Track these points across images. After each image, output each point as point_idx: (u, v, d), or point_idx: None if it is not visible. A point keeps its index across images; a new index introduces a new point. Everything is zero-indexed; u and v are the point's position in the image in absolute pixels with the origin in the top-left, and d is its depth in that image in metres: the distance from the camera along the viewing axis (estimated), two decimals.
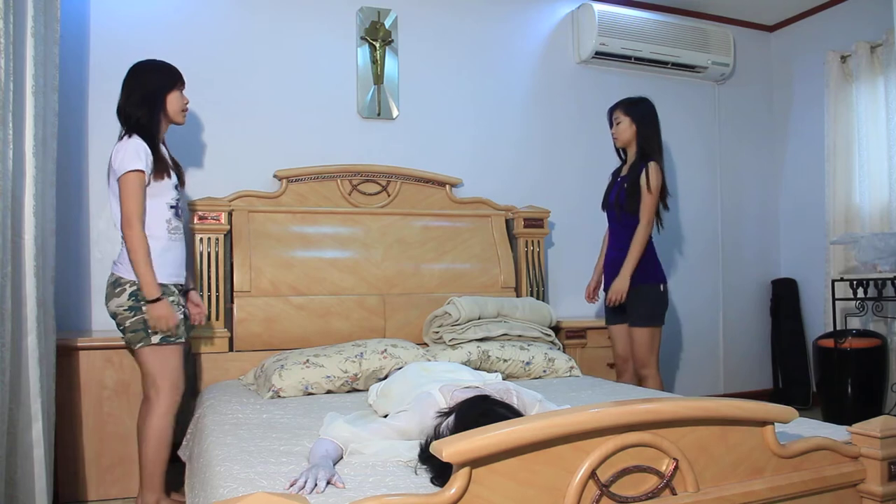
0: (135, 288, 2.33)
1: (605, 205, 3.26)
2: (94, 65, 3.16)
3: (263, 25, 3.48)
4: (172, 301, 2.38)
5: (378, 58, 3.66)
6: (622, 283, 3.02)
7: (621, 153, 3.28)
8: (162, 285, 2.34)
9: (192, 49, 3.21)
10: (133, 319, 2.33)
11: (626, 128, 3.12)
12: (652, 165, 3.03)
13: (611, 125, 3.21)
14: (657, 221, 3.13)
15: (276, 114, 3.47)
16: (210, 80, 3.27)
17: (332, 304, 3.22)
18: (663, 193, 3.09)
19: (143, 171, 2.31)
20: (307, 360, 2.72)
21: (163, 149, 2.47)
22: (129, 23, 3.22)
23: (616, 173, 3.28)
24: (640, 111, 3.12)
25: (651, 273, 3.08)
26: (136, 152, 2.31)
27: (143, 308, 2.32)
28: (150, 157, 2.35)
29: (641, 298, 3.05)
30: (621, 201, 3.09)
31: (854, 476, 1.54)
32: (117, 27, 3.20)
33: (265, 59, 3.47)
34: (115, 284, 2.37)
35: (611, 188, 3.23)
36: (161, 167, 2.39)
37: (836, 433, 1.72)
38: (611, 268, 3.19)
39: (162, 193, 2.40)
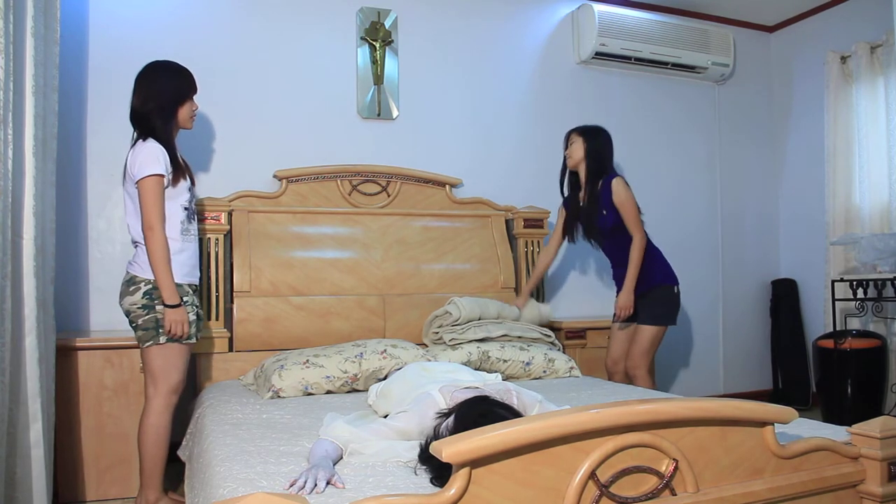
0: (149, 287, 2.35)
1: (589, 234, 3.21)
2: (93, 65, 3.16)
3: (263, 26, 3.48)
4: (187, 301, 2.41)
5: (378, 58, 3.66)
6: (627, 298, 3.05)
7: (563, 186, 3.28)
8: (177, 285, 2.37)
9: (192, 49, 3.21)
10: (146, 318, 2.34)
11: (581, 149, 3.12)
12: (615, 181, 3.06)
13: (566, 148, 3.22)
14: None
15: (276, 114, 3.47)
16: (210, 80, 3.26)
17: (331, 305, 3.22)
18: None
19: (162, 175, 2.34)
20: (307, 361, 2.71)
21: (177, 152, 2.49)
22: (128, 23, 3.22)
23: (568, 202, 3.27)
24: (593, 136, 3.13)
25: (667, 274, 3.13)
26: (155, 156, 2.33)
27: (158, 308, 2.34)
28: (168, 161, 2.38)
29: (657, 299, 3.10)
30: (609, 225, 3.09)
31: (854, 476, 1.54)
32: (117, 27, 3.20)
33: (265, 59, 3.47)
34: (130, 283, 2.38)
35: (585, 216, 3.18)
36: (178, 171, 2.42)
37: (835, 434, 1.71)
38: (620, 283, 3.19)
39: (177, 196, 2.43)
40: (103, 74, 3.15)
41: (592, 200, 3.11)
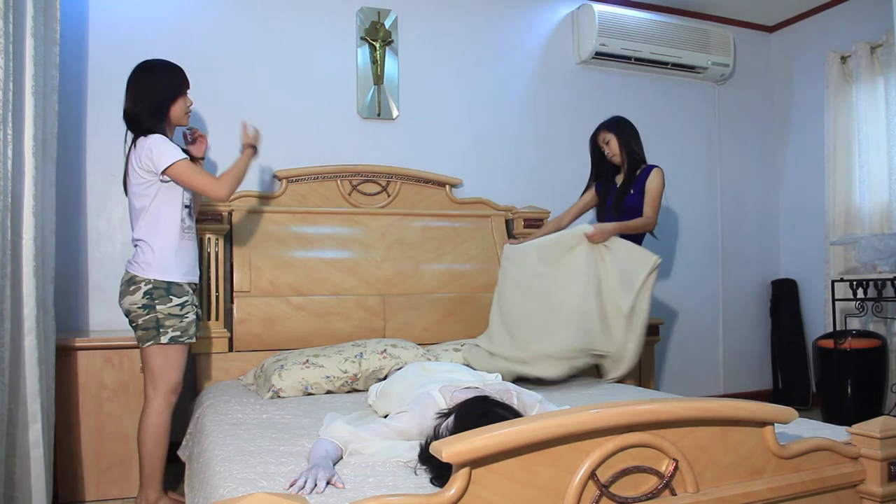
0: (150, 287, 2.35)
1: (616, 210, 3.18)
2: (93, 65, 3.16)
3: (263, 26, 3.47)
4: (186, 301, 2.41)
5: (378, 58, 3.66)
6: (610, 228, 2.94)
7: (597, 179, 3.33)
8: (176, 284, 2.39)
9: (192, 49, 3.21)
10: (146, 318, 2.35)
11: (616, 144, 3.17)
12: (656, 170, 3.12)
13: (600, 151, 3.23)
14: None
15: (276, 114, 3.47)
16: (210, 80, 3.27)
17: (331, 305, 3.22)
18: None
19: (186, 158, 2.39)
20: (307, 361, 2.72)
21: None
22: (128, 23, 3.22)
23: (601, 186, 3.29)
24: (620, 127, 3.19)
25: None
26: (168, 145, 2.38)
27: (159, 308, 2.34)
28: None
29: None
30: (631, 204, 3.12)
31: (854, 477, 1.54)
32: (117, 27, 3.20)
33: (265, 59, 3.47)
34: (130, 282, 2.38)
35: (618, 194, 3.19)
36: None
37: (835, 434, 1.72)
38: None
39: (178, 195, 2.44)
40: (103, 74, 3.15)
41: (628, 182, 3.15)
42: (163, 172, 2.35)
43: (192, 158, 2.54)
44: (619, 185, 3.21)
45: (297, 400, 2.55)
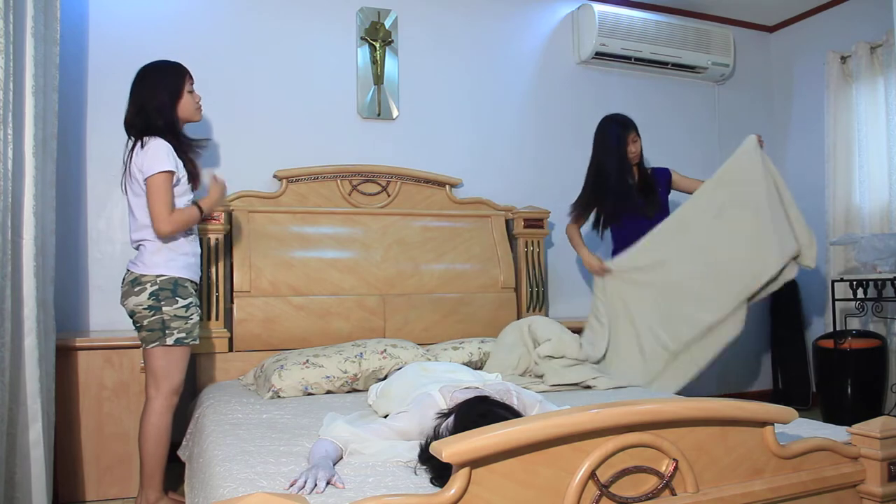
0: (156, 287, 2.34)
1: (651, 208, 3.25)
2: (93, 65, 3.16)
3: (263, 26, 3.48)
4: (191, 303, 2.41)
5: (378, 58, 3.66)
6: None
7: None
8: (182, 284, 2.38)
9: (192, 49, 3.21)
10: (151, 318, 2.34)
11: (640, 145, 3.29)
12: (672, 171, 3.40)
13: (628, 144, 3.22)
14: None
15: (276, 114, 3.47)
16: (210, 80, 3.26)
17: (331, 305, 3.22)
18: None
19: (172, 172, 2.34)
20: (307, 361, 2.72)
21: (192, 148, 2.50)
22: (128, 23, 3.22)
23: (618, 187, 3.25)
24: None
25: None
26: (165, 153, 2.33)
27: (165, 309, 2.34)
28: (177, 157, 2.39)
29: None
30: (665, 201, 3.32)
31: (854, 477, 1.54)
32: (116, 27, 3.20)
33: (265, 59, 3.47)
34: (135, 283, 2.36)
35: (647, 192, 3.28)
36: (193, 169, 2.45)
37: (835, 434, 1.72)
38: None
39: (184, 193, 2.44)
40: (103, 74, 3.15)
41: (651, 180, 3.31)
42: (145, 179, 2.33)
43: (193, 175, 2.48)
44: (635, 184, 3.27)
45: (297, 400, 2.55)
